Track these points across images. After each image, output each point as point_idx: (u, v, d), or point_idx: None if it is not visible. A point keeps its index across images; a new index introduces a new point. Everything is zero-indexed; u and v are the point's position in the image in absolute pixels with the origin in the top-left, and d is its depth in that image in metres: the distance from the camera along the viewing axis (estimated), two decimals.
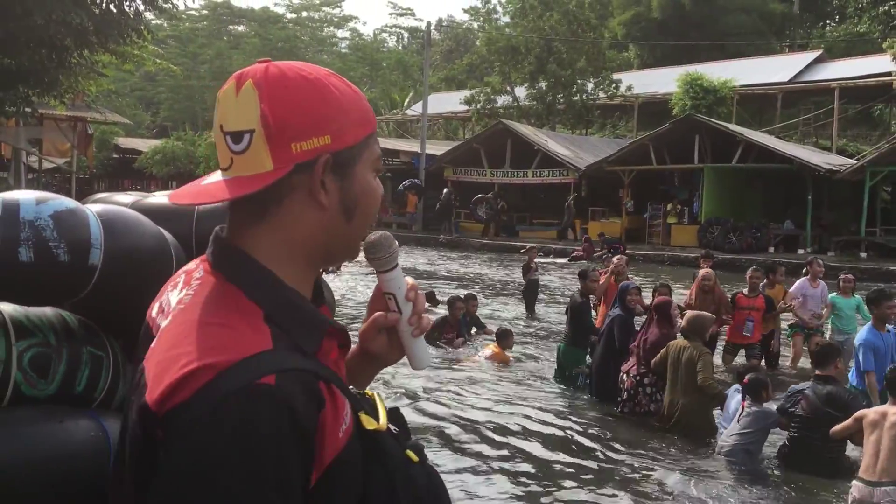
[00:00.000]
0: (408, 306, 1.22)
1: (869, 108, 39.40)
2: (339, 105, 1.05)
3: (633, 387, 7.18)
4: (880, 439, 5.08)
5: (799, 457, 5.88)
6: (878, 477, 5.03)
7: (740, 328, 9.02)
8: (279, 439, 0.89)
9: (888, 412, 5.15)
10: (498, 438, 6.60)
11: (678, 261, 23.38)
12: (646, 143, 28.80)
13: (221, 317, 0.98)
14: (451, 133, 53.27)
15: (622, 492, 5.51)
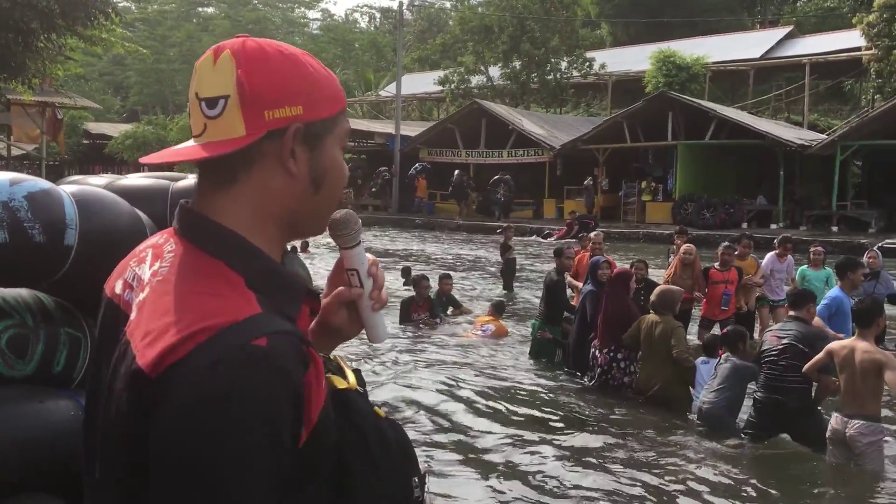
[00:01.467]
0: (369, 281, 1.25)
1: (839, 83, 39.75)
2: (313, 79, 1.08)
3: (608, 362, 7.27)
4: (852, 378, 5.33)
5: (770, 415, 5.96)
6: (852, 411, 5.33)
7: (717, 302, 9.09)
8: (273, 398, 0.92)
9: (856, 348, 5.36)
10: (475, 414, 6.67)
11: (653, 238, 23.56)
12: (620, 121, 28.92)
13: (206, 286, 1.00)
14: (425, 114, 53.02)
15: (602, 463, 5.59)
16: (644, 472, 5.48)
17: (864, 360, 5.26)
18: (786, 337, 5.91)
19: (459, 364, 8.52)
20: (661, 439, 6.24)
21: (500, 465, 5.56)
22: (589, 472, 5.44)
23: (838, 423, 5.44)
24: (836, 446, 5.51)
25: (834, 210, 24.82)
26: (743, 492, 5.19)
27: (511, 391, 7.49)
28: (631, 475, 5.40)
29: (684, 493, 5.11)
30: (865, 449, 5.31)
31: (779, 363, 5.86)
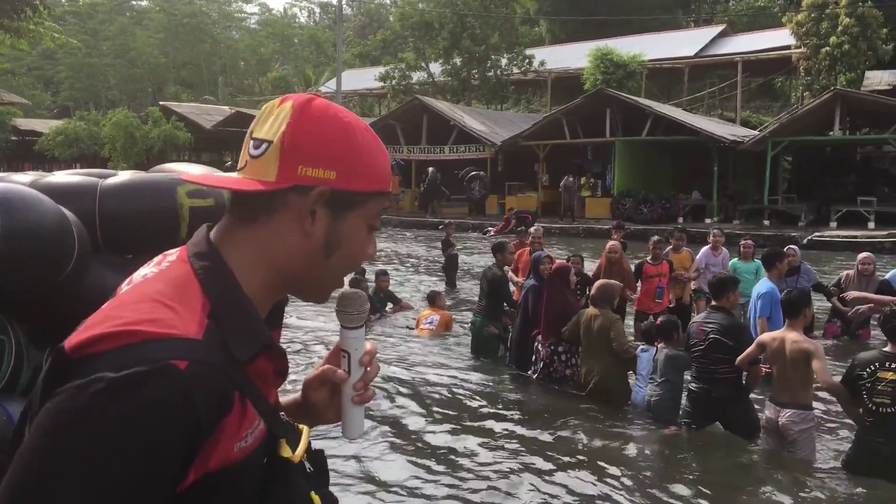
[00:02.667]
0: (359, 370, 1.22)
1: (770, 81, 40.92)
2: (357, 151, 1.12)
3: (549, 355, 7.36)
4: (783, 368, 5.50)
5: (703, 405, 6.12)
6: (784, 400, 5.50)
7: (651, 295, 9.28)
8: (160, 422, 0.90)
9: (786, 338, 5.51)
10: (416, 409, 6.67)
11: (592, 233, 23.90)
12: (559, 118, 29.24)
13: (169, 297, 1.00)
14: (366, 110, 52.75)
15: (545, 452, 5.65)
16: (585, 461, 5.56)
17: (793, 350, 5.42)
18: (710, 331, 6.03)
19: (400, 360, 8.50)
20: (602, 429, 6.34)
21: (443, 458, 5.57)
22: (531, 462, 5.49)
23: (771, 412, 5.60)
24: (770, 434, 5.68)
25: (765, 204, 25.53)
26: (681, 478, 5.31)
27: (452, 386, 7.51)
28: (572, 464, 5.48)
29: (624, 480, 5.19)
30: (797, 436, 5.48)
31: (707, 356, 6.01)
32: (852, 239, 20.85)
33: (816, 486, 5.21)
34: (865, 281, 9.18)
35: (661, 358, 6.45)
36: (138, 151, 39.12)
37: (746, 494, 5.10)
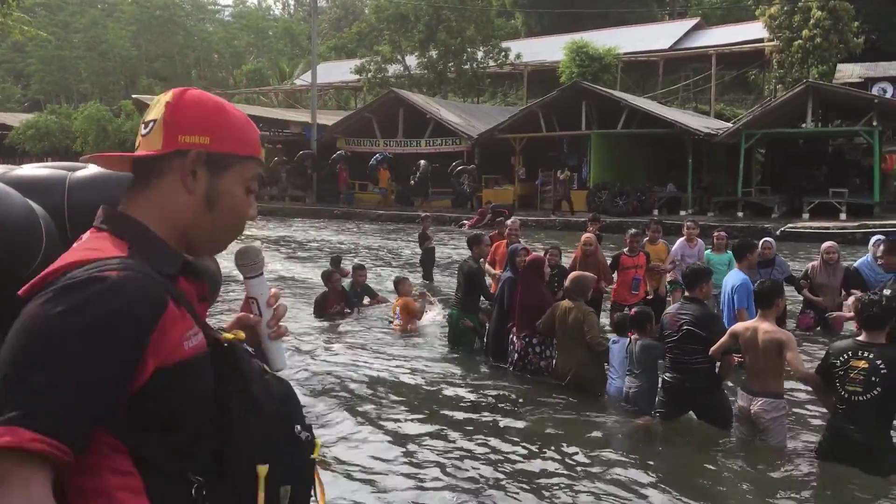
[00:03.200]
0: (269, 311, 1.42)
1: (744, 74, 41.29)
2: (228, 121, 1.37)
3: (524, 347, 7.39)
4: (756, 357, 5.58)
5: (678, 395, 6.18)
6: (756, 389, 5.59)
7: (628, 286, 9.32)
8: (103, 314, 1.10)
9: (758, 328, 5.59)
10: (395, 402, 6.68)
11: (569, 225, 23.99)
12: (535, 111, 29.29)
13: (92, 245, 1.24)
14: (342, 103, 52.51)
15: (520, 443, 5.68)
16: (560, 450, 5.59)
17: (765, 339, 5.49)
18: (683, 322, 6.09)
19: (377, 353, 8.51)
20: (576, 420, 6.39)
21: (419, 447, 5.58)
22: (506, 452, 5.52)
23: (744, 400, 5.68)
24: (742, 423, 5.76)
25: (739, 196, 25.77)
26: (653, 468, 5.36)
27: (429, 378, 7.53)
28: (547, 454, 5.51)
29: (596, 469, 5.23)
30: (769, 424, 5.56)
31: (680, 347, 6.08)
32: (824, 230, 21.10)
33: (789, 474, 5.28)
34: (831, 270, 9.31)
35: (636, 349, 6.50)
36: (111, 145, 38.68)
37: (719, 483, 5.15)
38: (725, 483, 5.16)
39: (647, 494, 4.87)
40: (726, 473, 5.37)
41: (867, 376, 4.92)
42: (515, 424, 6.25)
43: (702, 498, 4.87)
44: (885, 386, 4.86)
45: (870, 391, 4.90)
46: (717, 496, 4.92)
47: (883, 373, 4.87)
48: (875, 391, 4.88)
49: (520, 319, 7.47)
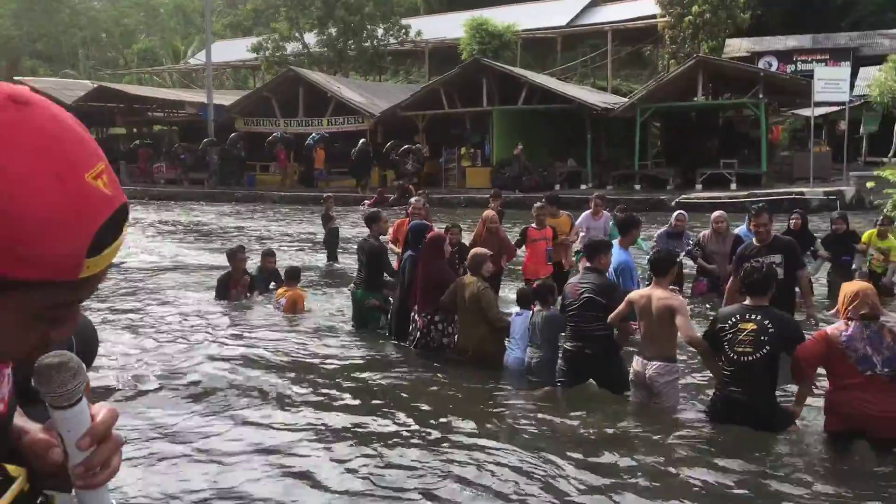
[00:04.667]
0: (79, 455, 0.99)
1: (639, 50, 42.33)
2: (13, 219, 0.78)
3: (426, 325, 7.38)
4: (650, 323, 5.76)
5: (578, 363, 6.31)
6: (651, 354, 5.76)
7: (541, 258, 9.42)
8: None
9: (653, 295, 5.76)
10: (298, 387, 6.56)
11: (473, 202, 24.14)
12: (437, 88, 29.26)
13: None
14: (240, 82, 51.17)
15: (424, 419, 5.68)
16: (465, 425, 5.62)
17: (659, 306, 5.66)
18: (584, 291, 6.24)
19: (281, 337, 8.37)
20: (480, 393, 6.44)
21: (324, 429, 5.51)
22: (410, 429, 5.51)
23: (639, 365, 5.85)
24: (638, 387, 5.93)
25: (636, 170, 26.49)
26: (553, 436, 5.46)
27: (332, 358, 7.45)
28: (452, 430, 5.53)
29: (503, 442, 5.28)
30: (663, 388, 5.74)
31: (581, 315, 6.20)
32: (716, 200, 21.93)
33: (682, 435, 5.47)
34: (721, 238, 9.69)
35: (539, 320, 6.59)
36: None
37: (617, 446, 5.28)
38: (623, 446, 5.29)
39: (552, 460, 4.95)
40: (624, 437, 5.51)
41: (756, 336, 5.14)
42: (418, 402, 6.24)
43: (600, 461, 4.99)
44: (773, 345, 5.11)
45: (759, 350, 5.12)
46: (615, 458, 5.04)
47: (771, 332, 5.11)
48: (764, 350, 5.11)
49: (421, 297, 7.46)
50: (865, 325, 4.84)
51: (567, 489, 4.58)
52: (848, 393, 4.89)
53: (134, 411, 5.78)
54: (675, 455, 5.13)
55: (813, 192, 21.86)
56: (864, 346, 4.81)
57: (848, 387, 4.89)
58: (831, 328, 5.05)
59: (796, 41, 36.26)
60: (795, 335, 5.19)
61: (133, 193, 31.74)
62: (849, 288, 5.11)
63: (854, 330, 4.86)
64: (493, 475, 4.73)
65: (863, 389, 4.82)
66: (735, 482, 4.66)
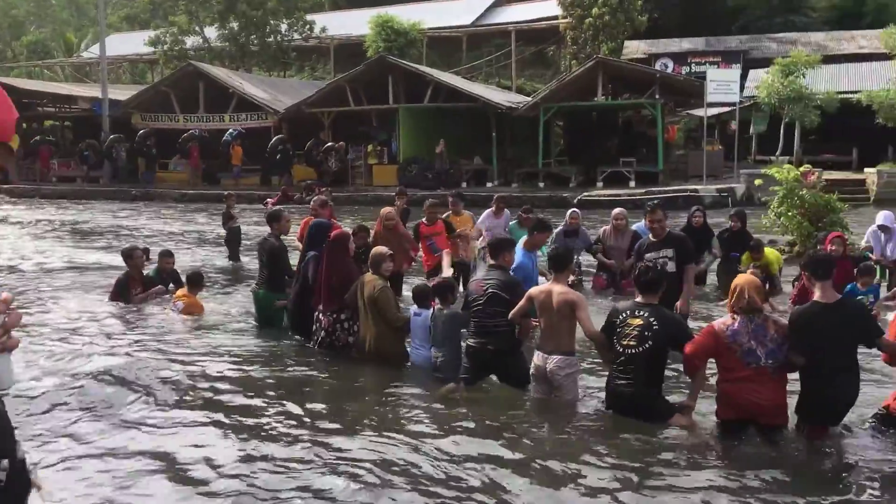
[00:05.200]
0: None
1: (542, 50, 43.13)
2: None
3: (331, 324, 7.31)
4: (550, 318, 5.87)
5: (481, 359, 6.38)
6: (551, 348, 5.86)
7: (430, 252, 9.62)
8: None
9: (552, 291, 5.88)
10: (193, 388, 6.39)
11: (381, 200, 23.99)
12: (342, 85, 29.01)
13: None
14: (137, 77, 49.45)
15: (322, 423, 5.63)
16: (366, 423, 5.59)
17: (559, 301, 5.78)
18: (489, 286, 6.32)
19: (178, 337, 8.14)
20: (382, 392, 6.42)
21: (222, 435, 5.39)
22: (311, 432, 5.44)
23: (539, 359, 5.95)
24: (539, 381, 6.04)
25: (540, 168, 26.97)
26: (457, 431, 5.48)
27: (232, 358, 7.29)
28: (352, 429, 5.49)
29: (403, 438, 5.29)
30: (563, 381, 5.87)
31: (485, 310, 6.27)
32: (616, 197, 22.58)
33: (580, 426, 5.62)
34: (620, 234, 9.99)
35: (441, 319, 6.63)
36: None
37: (519, 437, 5.37)
38: (526, 437, 5.39)
39: (452, 455, 4.99)
40: (526, 429, 5.60)
41: (641, 332, 5.35)
42: (323, 404, 6.19)
43: (504, 455, 5.05)
44: (655, 340, 5.32)
45: (642, 344, 5.33)
46: (518, 452, 5.11)
47: (655, 329, 5.32)
48: (647, 344, 5.32)
49: (327, 296, 7.36)
50: (750, 319, 5.07)
51: (460, 480, 4.63)
52: (736, 384, 5.11)
53: (21, 416, 5.51)
54: (574, 447, 5.25)
55: (706, 189, 22.77)
56: (748, 339, 5.04)
57: (736, 379, 5.11)
58: (718, 322, 5.28)
59: (690, 44, 37.74)
60: (680, 333, 5.42)
61: (23, 192, 30.25)
62: (734, 282, 5.36)
63: (739, 324, 5.08)
64: (379, 469, 4.76)
65: (750, 381, 5.05)
66: (627, 469, 4.81)
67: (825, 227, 11.04)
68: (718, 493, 4.52)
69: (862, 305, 5.58)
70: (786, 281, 9.92)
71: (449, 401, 6.22)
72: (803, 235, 11.44)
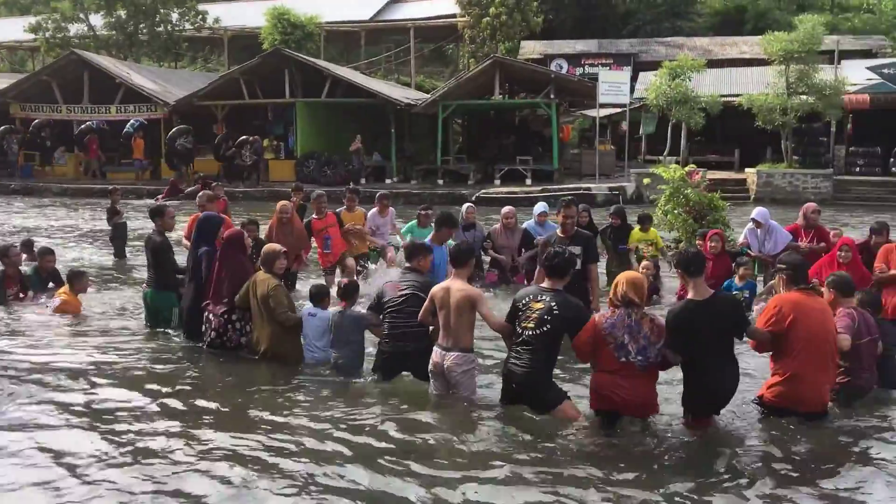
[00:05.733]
0: None
1: (441, 47, 43.31)
2: None
3: (222, 325, 7.10)
4: (448, 315, 5.88)
5: (396, 359, 6.39)
6: (449, 344, 5.88)
7: (324, 247, 9.59)
8: None
9: (451, 287, 5.91)
10: (71, 390, 6.15)
11: (277, 196, 23.44)
12: (236, 78, 28.29)
13: None
14: (17, 65, 46.81)
15: (216, 426, 5.48)
16: (264, 424, 5.48)
17: (459, 297, 5.81)
18: (407, 287, 6.35)
19: (60, 338, 7.80)
20: (279, 393, 6.28)
21: (116, 435, 5.19)
22: (204, 434, 5.30)
23: (437, 356, 5.97)
24: (437, 378, 6.06)
25: (439, 165, 27.10)
26: (363, 429, 5.47)
27: (117, 359, 7.01)
28: (248, 428, 5.38)
29: (311, 441, 5.23)
30: (460, 378, 5.90)
31: (402, 312, 6.29)
32: (513, 195, 22.95)
33: (476, 420, 5.67)
34: (510, 232, 10.17)
35: (345, 320, 6.54)
36: None
37: (420, 432, 5.39)
38: (428, 430, 5.41)
39: (359, 450, 5.02)
40: (427, 425, 5.60)
41: (541, 315, 5.44)
42: (212, 405, 6.02)
43: (407, 450, 5.09)
44: (554, 324, 5.41)
45: (540, 327, 5.43)
46: (421, 448, 5.13)
47: (555, 312, 5.42)
48: (545, 328, 5.42)
49: (218, 294, 7.14)
50: (629, 314, 5.23)
51: (343, 478, 4.62)
52: (605, 376, 5.29)
53: None
54: (471, 438, 5.30)
55: (599, 187, 23.45)
56: (623, 333, 5.20)
57: (606, 371, 5.28)
58: (599, 315, 5.44)
59: (584, 45, 38.71)
60: (577, 320, 5.48)
61: None
62: (616, 277, 5.53)
63: (618, 318, 5.24)
64: (255, 468, 4.70)
65: (618, 374, 5.23)
66: (509, 459, 4.94)
67: (708, 225, 11.51)
68: (604, 484, 4.65)
69: (733, 299, 5.83)
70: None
71: (355, 399, 6.14)
72: (688, 232, 11.88)
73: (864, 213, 20.15)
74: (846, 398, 5.88)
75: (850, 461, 5.07)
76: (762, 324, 5.49)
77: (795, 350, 5.39)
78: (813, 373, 5.40)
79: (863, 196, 23.47)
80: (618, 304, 5.26)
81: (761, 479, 4.72)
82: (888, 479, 4.79)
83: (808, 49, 22.95)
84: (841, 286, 6.08)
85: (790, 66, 23.33)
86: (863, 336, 5.85)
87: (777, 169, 24.47)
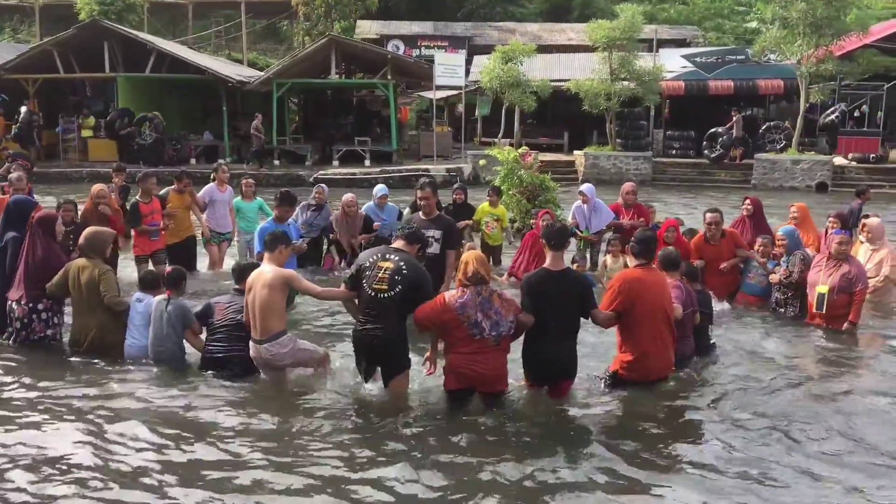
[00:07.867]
0: None
1: (274, 24, 42.11)
2: None
3: (27, 314, 6.52)
4: (254, 301, 5.75)
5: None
6: (261, 336, 5.74)
7: (149, 233, 9.14)
8: None
9: (262, 272, 5.80)
10: None
11: (99, 177, 22.10)
12: (49, 50, 26.13)
13: None
14: None
15: (39, 430, 5.05)
16: (92, 422, 5.11)
17: (272, 279, 5.70)
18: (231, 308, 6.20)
19: None
20: (99, 385, 5.87)
21: None
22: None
23: (254, 351, 5.84)
24: (266, 371, 5.94)
25: (275, 145, 26.37)
26: (157, 411, 5.30)
27: None
28: (73, 428, 5.00)
29: (150, 433, 4.93)
30: (288, 362, 5.84)
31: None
32: (352, 176, 22.77)
33: (335, 394, 5.68)
34: (351, 219, 10.03)
35: (172, 309, 6.18)
36: None
37: (230, 416, 5.28)
38: (284, 413, 5.25)
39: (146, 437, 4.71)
40: (299, 405, 5.55)
41: (391, 275, 5.43)
42: (20, 396, 5.54)
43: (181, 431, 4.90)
44: (405, 285, 5.41)
45: (393, 288, 5.41)
46: (204, 427, 4.97)
47: (405, 273, 5.44)
48: (397, 289, 5.41)
49: (26, 283, 6.54)
50: (478, 292, 5.30)
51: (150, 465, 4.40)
52: (462, 355, 5.32)
53: None
54: (319, 415, 5.20)
55: (437, 169, 23.69)
56: (475, 311, 5.27)
57: (462, 349, 5.32)
58: (449, 294, 5.46)
59: (420, 27, 38.90)
60: (421, 288, 5.49)
61: None
62: (462, 257, 5.60)
63: (468, 297, 5.30)
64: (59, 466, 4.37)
65: (474, 351, 5.29)
66: (350, 442, 4.91)
67: (540, 205, 11.92)
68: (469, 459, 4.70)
69: (583, 277, 6.05)
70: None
71: (190, 391, 5.85)
72: (522, 212, 12.26)
73: (679, 193, 21.82)
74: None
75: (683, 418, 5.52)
76: (607, 305, 5.75)
77: (640, 324, 5.70)
78: (659, 345, 5.78)
79: (678, 177, 25.17)
80: (467, 284, 5.31)
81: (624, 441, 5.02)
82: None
83: (628, 37, 24.19)
84: (667, 262, 6.45)
85: (613, 53, 24.50)
86: (687, 307, 6.26)
87: (602, 151, 25.72)
